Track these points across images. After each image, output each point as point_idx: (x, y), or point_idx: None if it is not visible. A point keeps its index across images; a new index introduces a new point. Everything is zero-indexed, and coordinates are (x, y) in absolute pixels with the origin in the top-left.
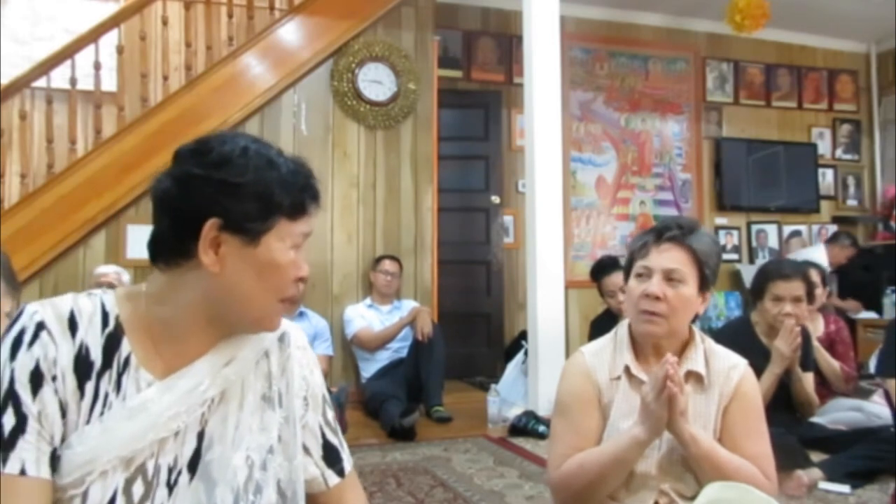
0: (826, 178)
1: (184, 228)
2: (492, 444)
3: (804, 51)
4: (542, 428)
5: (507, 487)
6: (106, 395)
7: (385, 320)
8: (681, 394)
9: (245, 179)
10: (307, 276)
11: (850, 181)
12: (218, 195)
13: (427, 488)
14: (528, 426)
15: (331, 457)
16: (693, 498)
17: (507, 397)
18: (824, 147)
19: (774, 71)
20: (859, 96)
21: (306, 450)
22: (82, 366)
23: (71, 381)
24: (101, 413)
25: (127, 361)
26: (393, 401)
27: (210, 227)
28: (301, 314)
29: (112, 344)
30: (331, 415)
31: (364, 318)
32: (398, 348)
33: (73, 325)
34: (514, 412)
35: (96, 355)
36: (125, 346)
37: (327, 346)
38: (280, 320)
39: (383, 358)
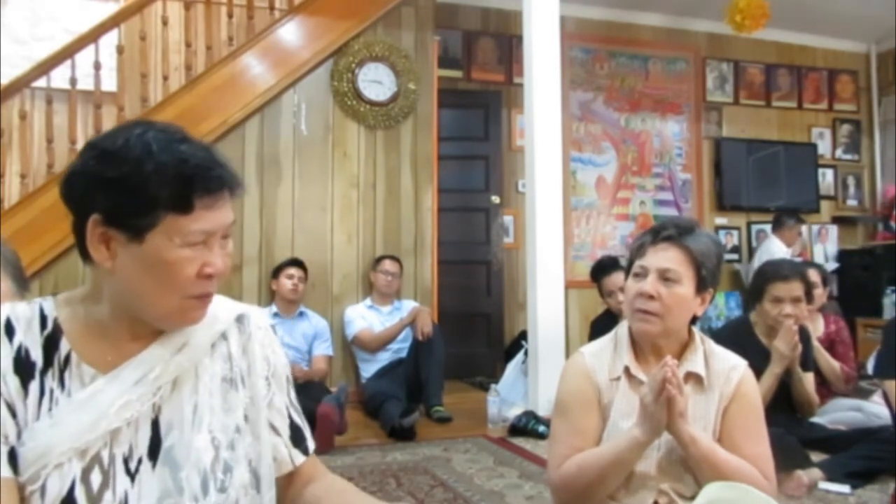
0: (826, 178)
1: (80, 225)
2: (492, 444)
3: (804, 51)
4: (542, 428)
5: (507, 487)
6: (52, 392)
7: (385, 321)
8: (680, 395)
9: (120, 173)
10: (217, 272)
11: (850, 181)
12: (96, 191)
13: (427, 488)
14: (528, 426)
15: (297, 436)
16: (692, 498)
17: (507, 397)
18: (824, 147)
19: (774, 71)
20: (859, 96)
21: (275, 430)
22: (23, 366)
23: (13, 381)
24: (49, 409)
25: (67, 359)
26: (393, 401)
27: (93, 223)
28: (301, 314)
29: (51, 344)
30: (294, 395)
31: (365, 318)
32: (398, 349)
33: (9, 329)
34: (514, 412)
35: (37, 355)
36: (64, 345)
37: (327, 346)
38: (197, 314)
39: (383, 358)
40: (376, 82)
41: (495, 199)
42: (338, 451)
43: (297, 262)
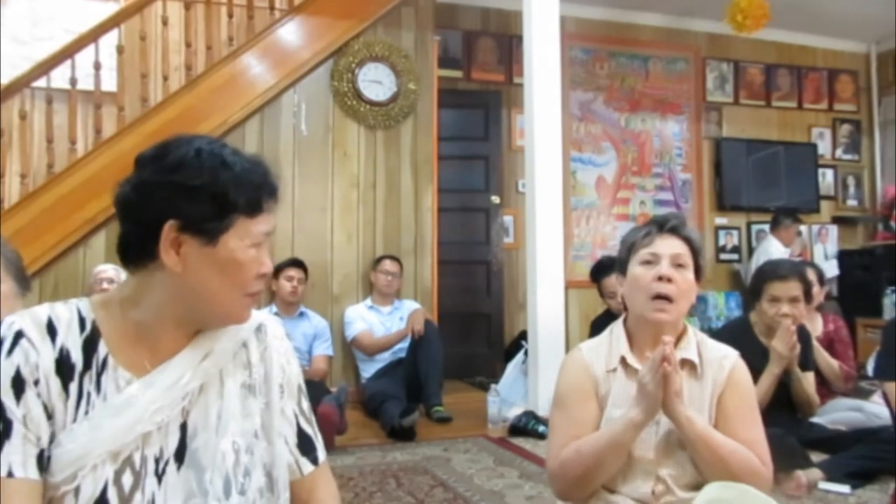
0: (826, 178)
1: (146, 232)
2: (492, 444)
3: (804, 51)
4: (542, 428)
5: (507, 487)
6: (88, 395)
7: (385, 321)
8: (675, 373)
9: (199, 181)
10: (270, 272)
11: (850, 181)
12: (174, 198)
13: (427, 488)
14: (528, 426)
15: (305, 445)
16: (689, 485)
17: (507, 397)
18: (824, 147)
19: (774, 71)
20: (859, 96)
21: (283, 437)
22: (64, 368)
23: (55, 383)
24: (86, 412)
25: (105, 362)
26: (393, 401)
27: (169, 228)
28: (301, 314)
29: (90, 346)
30: (306, 405)
31: (365, 319)
32: (398, 349)
33: (51, 330)
34: (514, 412)
35: (77, 357)
36: (102, 348)
37: (327, 346)
38: (249, 313)
39: (383, 358)
40: (376, 82)
41: (495, 199)
42: (338, 451)
43: (296, 263)
